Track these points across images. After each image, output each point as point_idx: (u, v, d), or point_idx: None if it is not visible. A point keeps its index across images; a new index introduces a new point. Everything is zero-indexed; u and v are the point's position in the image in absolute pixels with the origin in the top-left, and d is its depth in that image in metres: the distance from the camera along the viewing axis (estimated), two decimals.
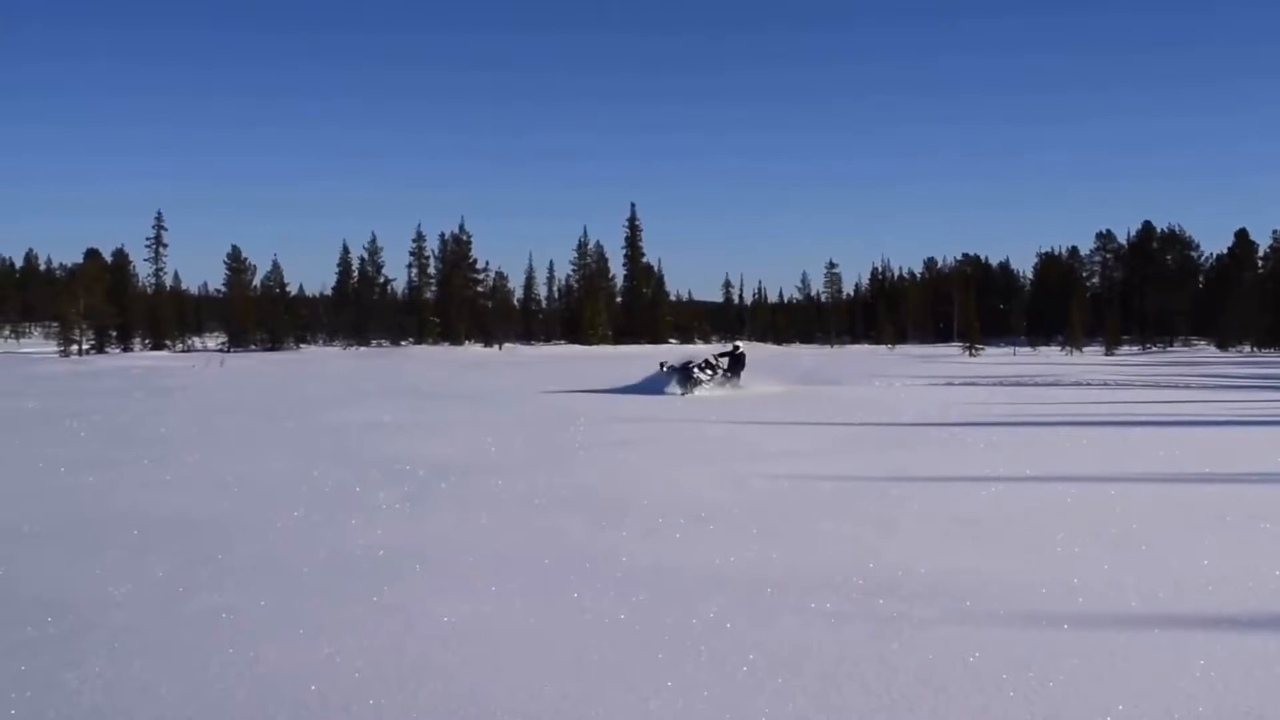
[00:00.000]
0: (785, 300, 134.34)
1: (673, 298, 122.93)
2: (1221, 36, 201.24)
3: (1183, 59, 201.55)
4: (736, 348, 27.35)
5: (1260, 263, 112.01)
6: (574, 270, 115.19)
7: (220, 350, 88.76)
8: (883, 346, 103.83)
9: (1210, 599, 6.91)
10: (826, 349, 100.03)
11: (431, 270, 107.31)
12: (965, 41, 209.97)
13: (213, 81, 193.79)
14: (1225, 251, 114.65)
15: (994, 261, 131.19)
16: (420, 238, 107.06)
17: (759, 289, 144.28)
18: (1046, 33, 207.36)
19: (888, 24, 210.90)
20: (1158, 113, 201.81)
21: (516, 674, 5.43)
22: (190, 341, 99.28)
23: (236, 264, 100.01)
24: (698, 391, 26.74)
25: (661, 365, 28.57)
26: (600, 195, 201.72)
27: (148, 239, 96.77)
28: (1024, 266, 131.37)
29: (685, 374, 27.21)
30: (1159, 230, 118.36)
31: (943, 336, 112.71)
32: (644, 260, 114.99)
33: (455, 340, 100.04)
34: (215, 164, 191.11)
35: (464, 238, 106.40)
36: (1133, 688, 5.17)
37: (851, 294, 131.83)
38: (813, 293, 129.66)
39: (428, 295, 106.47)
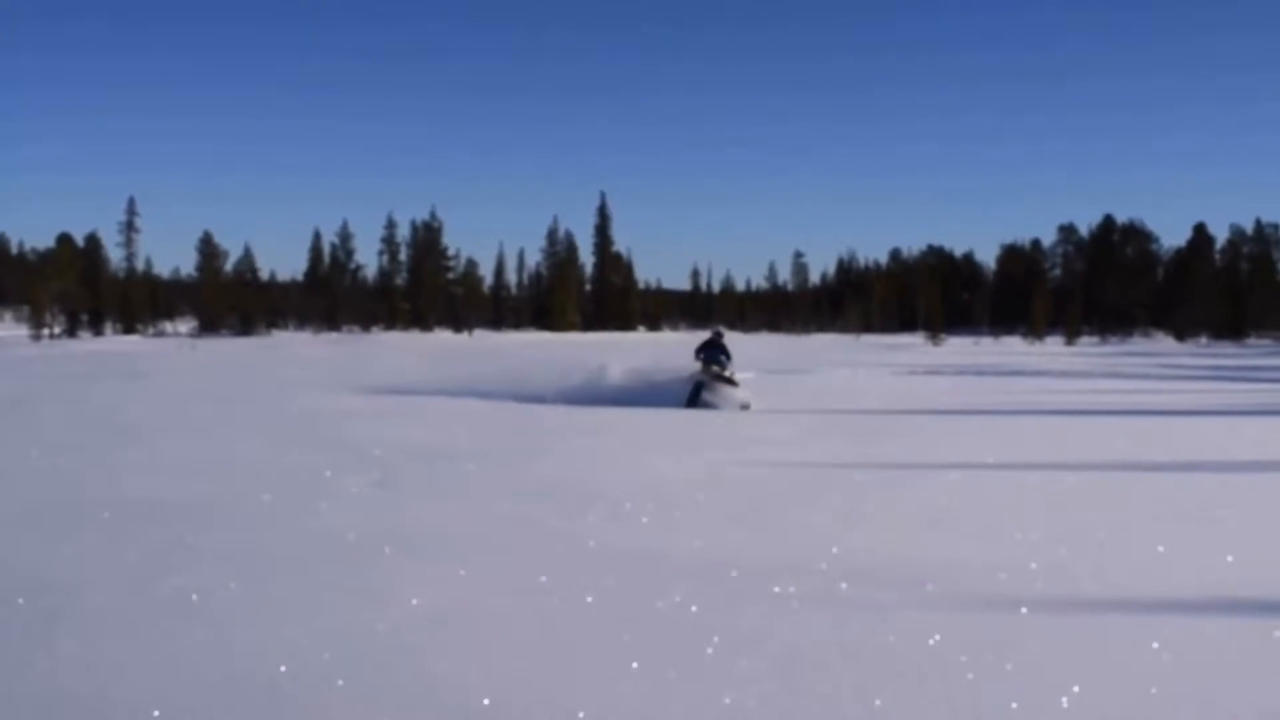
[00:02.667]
0: (753, 289, 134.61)
1: (642, 286, 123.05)
2: (1181, 31, 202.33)
3: (1143, 53, 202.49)
4: (719, 334, 23.68)
5: (1217, 256, 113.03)
6: (544, 258, 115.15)
7: (191, 335, 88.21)
8: (848, 336, 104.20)
9: (1165, 584, 7.04)
10: (793, 338, 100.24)
11: (402, 257, 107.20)
12: (930, 35, 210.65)
13: (187, 71, 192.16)
14: (1184, 245, 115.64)
15: (958, 253, 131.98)
16: (392, 225, 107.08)
17: (727, 278, 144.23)
18: (1010, 27, 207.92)
19: (856, 18, 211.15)
20: (1118, 106, 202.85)
21: (485, 656, 5.49)
22: (161, 326, 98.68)
23: (208, 249, 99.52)
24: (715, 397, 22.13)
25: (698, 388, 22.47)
26: (570, 185, 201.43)
27: (120, 224, 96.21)
28: (988, 258, 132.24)
29: (700, 387, 22.17)
30: (1120, 223, 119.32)
31: (907, 326, 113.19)
32: (614, 249, 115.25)
33: (425, 327, 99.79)
34: (188, 150, 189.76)
35: (435, 225, 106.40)
36: (1089, 670, 5.28)
37: (818, 284, 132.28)
38: (780, 282, 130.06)
39: (398, 282, 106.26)
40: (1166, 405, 24.12)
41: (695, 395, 21.69)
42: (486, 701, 4.85)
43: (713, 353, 22.53)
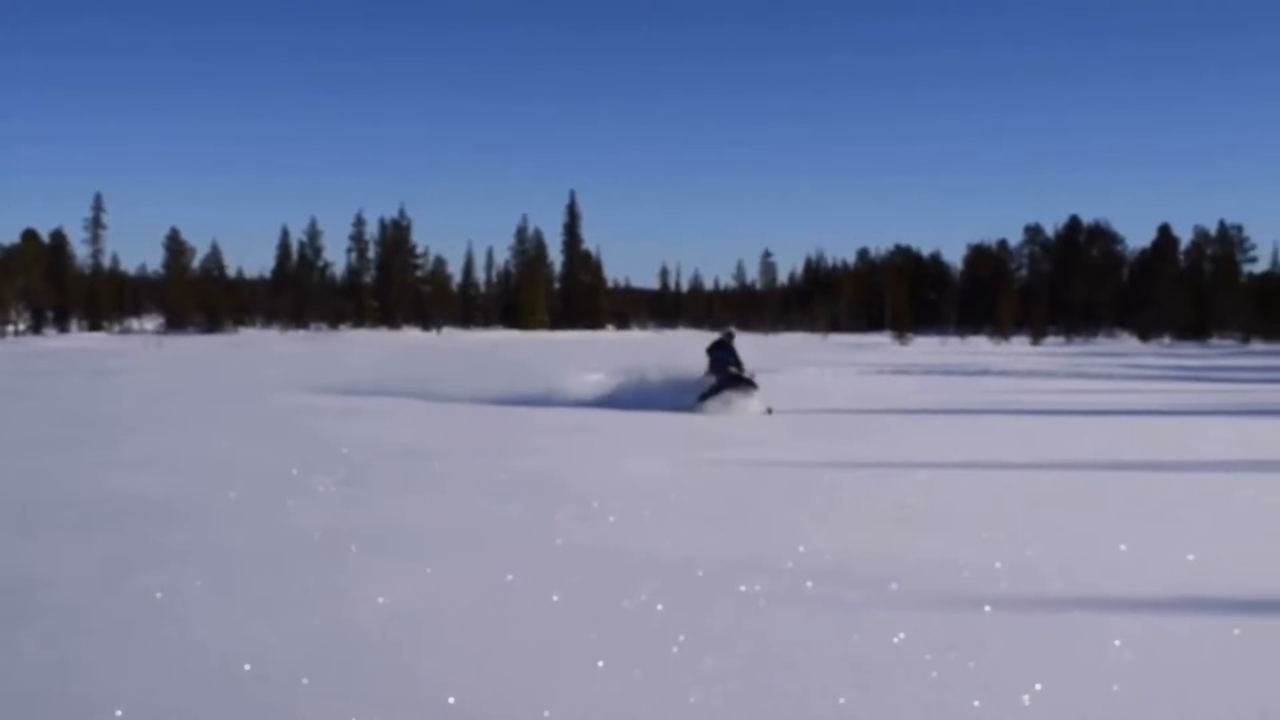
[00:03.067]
0: (721, 288, 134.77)
1: (611, 285, 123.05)
2: (1144, 32, 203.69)
3: (1108, 54, 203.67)
4: (730, 334, 21.68)
5: (1181, 257, 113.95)
6: (513, 256, 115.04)
7: (158, 333, 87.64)
8: (816, 335, 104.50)
9: (1129, 582, 7.10)
10: (761, 337, 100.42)
11: (371, 255, 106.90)
12: (896, 36, 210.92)
13: (156, 69, 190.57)
14: (1148, 246, 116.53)
15: (926, 253, 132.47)
16: (360, 222, 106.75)
17: (696, 277, 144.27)
18: (977, 27, 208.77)
19: (824, 18, 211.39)
20: (1084, 107, 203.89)
21: (451, 655, 5.49)
22: (128, 324, 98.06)
23: (175, 246, 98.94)
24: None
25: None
26: (539, 184, 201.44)
27: (86, 220, 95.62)
28: (955, 258, 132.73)
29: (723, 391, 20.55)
30: (1085, 224, 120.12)
31: (875, 326, 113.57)
32: (583, 247, 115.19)
33: (394, 325, 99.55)
34: (156, 148, 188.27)
35: (404, 223, 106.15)
36: (1052, 668, 5.32)
37: (786, 283, 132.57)
38: (748, 281, 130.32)
39: (367, 280, 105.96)
40: (1131, 405, 24.30)
41: (714, 393, 20.27)
42: (452, 700, 4.86)
43: (723, 354, 20.91)
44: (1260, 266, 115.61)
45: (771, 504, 10.05)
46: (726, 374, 20.58)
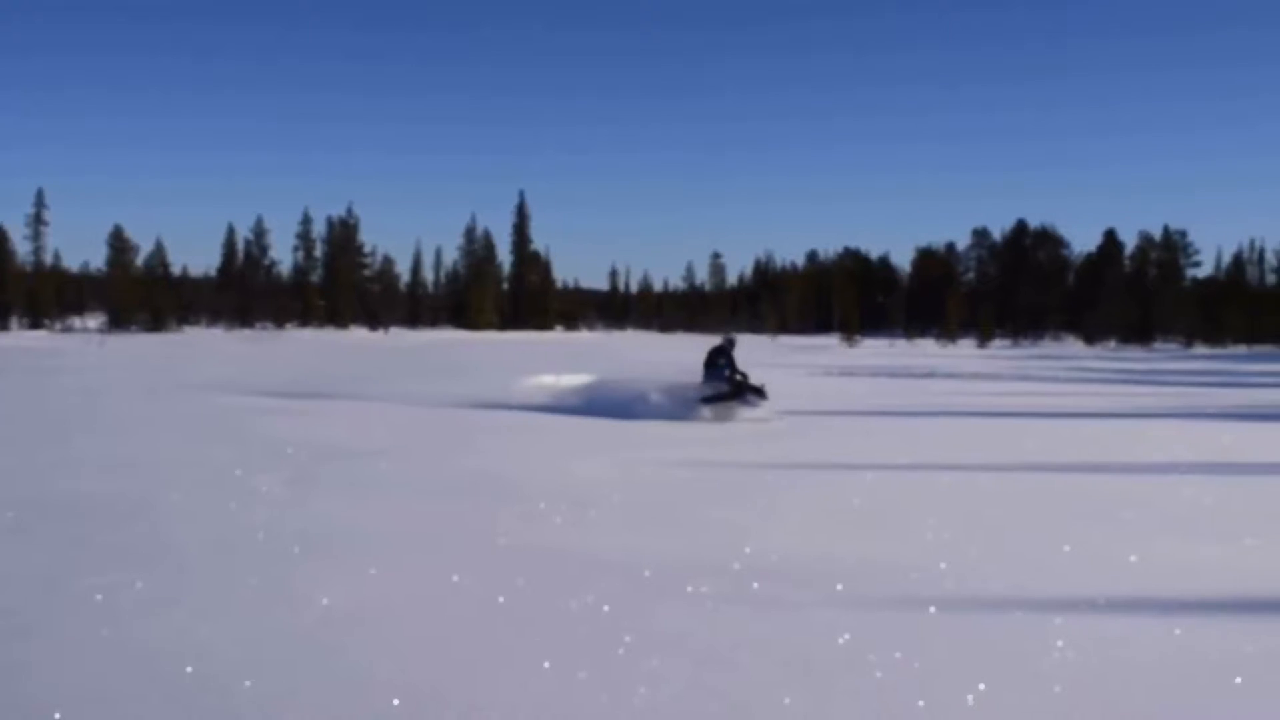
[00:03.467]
0: (670, 289, 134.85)
1: (560, 285, 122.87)
2: (1090, 37, 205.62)
3: (1055, 57, 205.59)
4: (731, 341, 20.78)
5: (1126, 262, 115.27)
6: (462, 256, 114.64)
7: (101, 331, 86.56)
8: (765, 336, 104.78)
9: (1071, 584, 7.16)
10: (710, 338, 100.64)
11: (318, 253, 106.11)
12: (842, 37, 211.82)
13: (100, 67, 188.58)
14: (1094, 250, 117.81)
15: (874, 256, 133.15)
16: (307, 220, 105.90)
17: (645, 278, 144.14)
18: (924, 30, 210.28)
19: (767, 19, 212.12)
20: (1031, 110, 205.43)
21: (395, 656, 5.46)
22: (70, 322, 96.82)
23: (119, 244, 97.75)
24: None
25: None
26: (489, 184, 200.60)
27: (28, 216, 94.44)
28: (903, 261, 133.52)
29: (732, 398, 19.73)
30: (1032, 228, 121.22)
31: (823, 328, 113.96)
32: (531, 248, 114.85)
33: (341, 324, 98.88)
34: (100, 144, 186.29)
35: (351, 221, 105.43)
36: (995, 668, 5.35)
37: (735, 284, 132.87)
38: (697, 282, 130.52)
39: (314, 279, 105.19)
40: (1075, 408, 24.54)
41: (722, 399, 19.44)
42: (396, 702, 4.83)
43: (723, 363, 20.05)
44: (1203, 271, 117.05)
45: (718, 505, 10.06)
46: (736, 382, 19.75)
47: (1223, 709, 4.87)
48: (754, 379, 19.56)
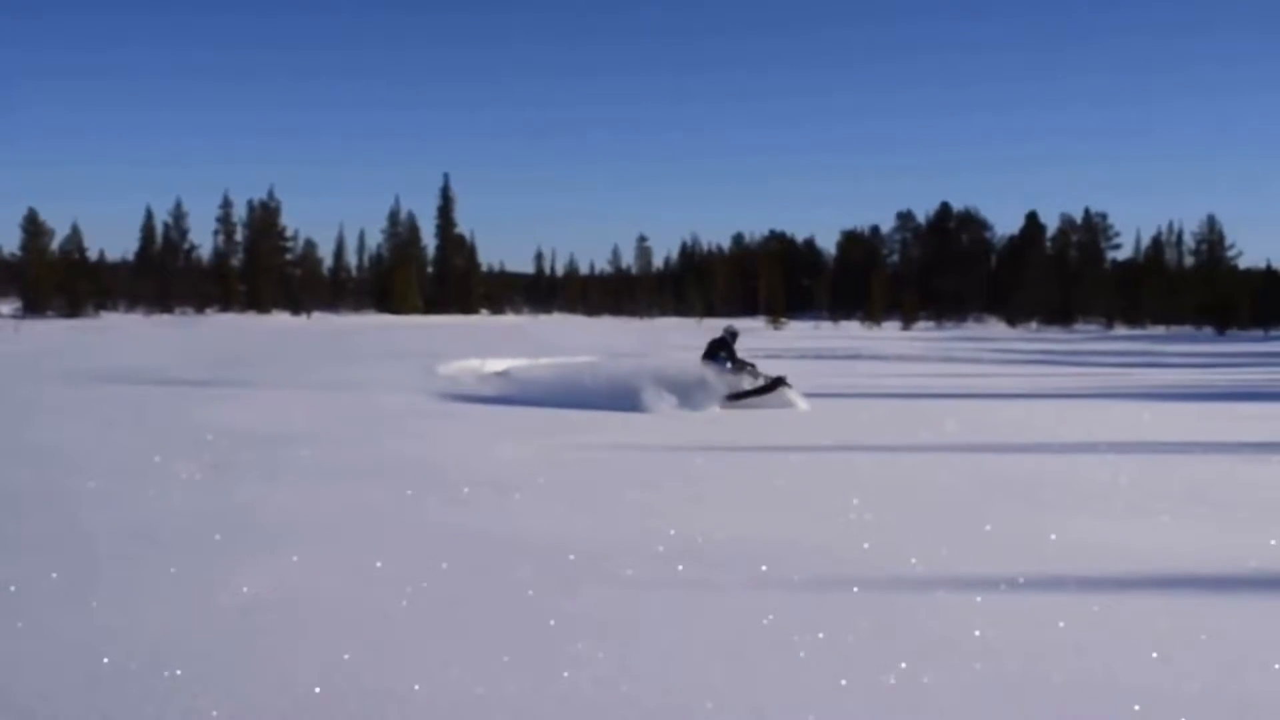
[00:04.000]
0: (597, 272, 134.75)
1: (485, 269, 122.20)
2: (1009, 19, 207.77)
3: (977, 39, 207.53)
4: (733, 333, 20.15)
5: (1048, 244, 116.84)
6: (385, 240, 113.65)
7: (14, 317, 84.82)
8: (691, 319, 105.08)
9: (991, 562, 7.22)
10: (636, 321, 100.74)
11: (239, 238, 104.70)
12: (766, 19, 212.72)
13: (13, 50, 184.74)
14: (1017, 233, 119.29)
15: (800, 239, 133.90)
16: (227, 204, 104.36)
17: (571, 261, 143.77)
18: (846, 10, 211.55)
19: (694, 2, 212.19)
20: (955, 90, 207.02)
21: (317, 643, 5.39)
22: None
23: (34, 228, 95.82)
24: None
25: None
26: (413, 167, 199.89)
27: None
28: (828, 244, 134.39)
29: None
30: (956, 211, 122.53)
31: (749, 310, 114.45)
32: (456, 231, 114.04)
33: (262, 309, 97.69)
34: (15, 124, 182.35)
35: (273, 205, 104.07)
36: (917, 648, 5.38)
37: (662, 267, 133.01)
38: (624, 265, 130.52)
39: (234, 263, 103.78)
40: (997, 389, 24.83)
41: (753, 393, 18.63)
42: (318, 690, 4.77)
43: (722, 357, 19.42)
44: (1124, 253, 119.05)
45: (643, 488, 10.06)
46: (772, 377, 19.10)
47: (1139, 683, 4.93)
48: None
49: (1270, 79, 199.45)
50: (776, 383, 19.04)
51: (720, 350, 19.65)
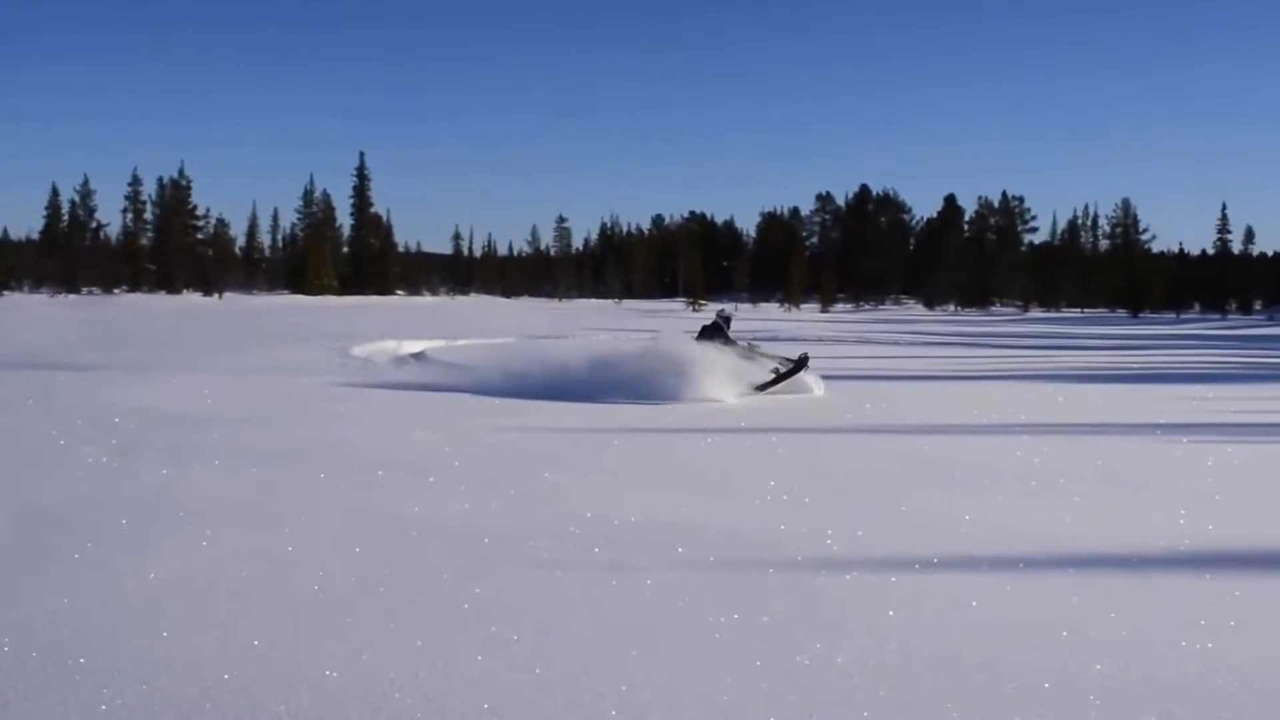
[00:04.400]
0: (515, 254, 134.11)
1: (401, 249, 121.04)
2: (933, 6, 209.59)
3: (894, 28, 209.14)
4: (727, 318, 19.45)
5: (966, 227, 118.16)
6: (300, 219, 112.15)
7: None
8: (610, 301, 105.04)
9: (906, 543, 7.27)
10: (555, 303, 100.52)
11: (148, 216, 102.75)
12: (684, 1, 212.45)
13: None
14: (935, 215, 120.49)
15: (720, 220, 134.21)
16: (136, 181, 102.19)
17: (489, 242, 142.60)
18: None
19: None
20: (874, 66, 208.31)
21: (226, 629, 5.29)
22: None
23: None
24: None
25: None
26: (328, 146, 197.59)
27: None
28: (748, 225, 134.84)
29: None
30: (875, 193, 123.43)
31: (669, 292, 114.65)
32: (372, 210, 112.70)
33: (173, 289, 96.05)
34: None
35: (184, 183, 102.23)
36: (831, 628, 5.40)
37: (581, 248, 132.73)
38: (543, 246, 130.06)
39: (144, 242, 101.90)
40: (914, 370, 25.07)
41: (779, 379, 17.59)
42: (227, 676, 4.68)
43: (717, 342, 18.21)
44: (1040, 236, 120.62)
45: (559, 470, 10.01)
46: (795, 361, 18.05)
47: (1050, 662, 4.98)
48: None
49: (1185, 60, 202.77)
50: (801, 363, 18.04)
51: (715, 337, 18.38)
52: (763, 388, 17.25)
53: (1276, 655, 5.17)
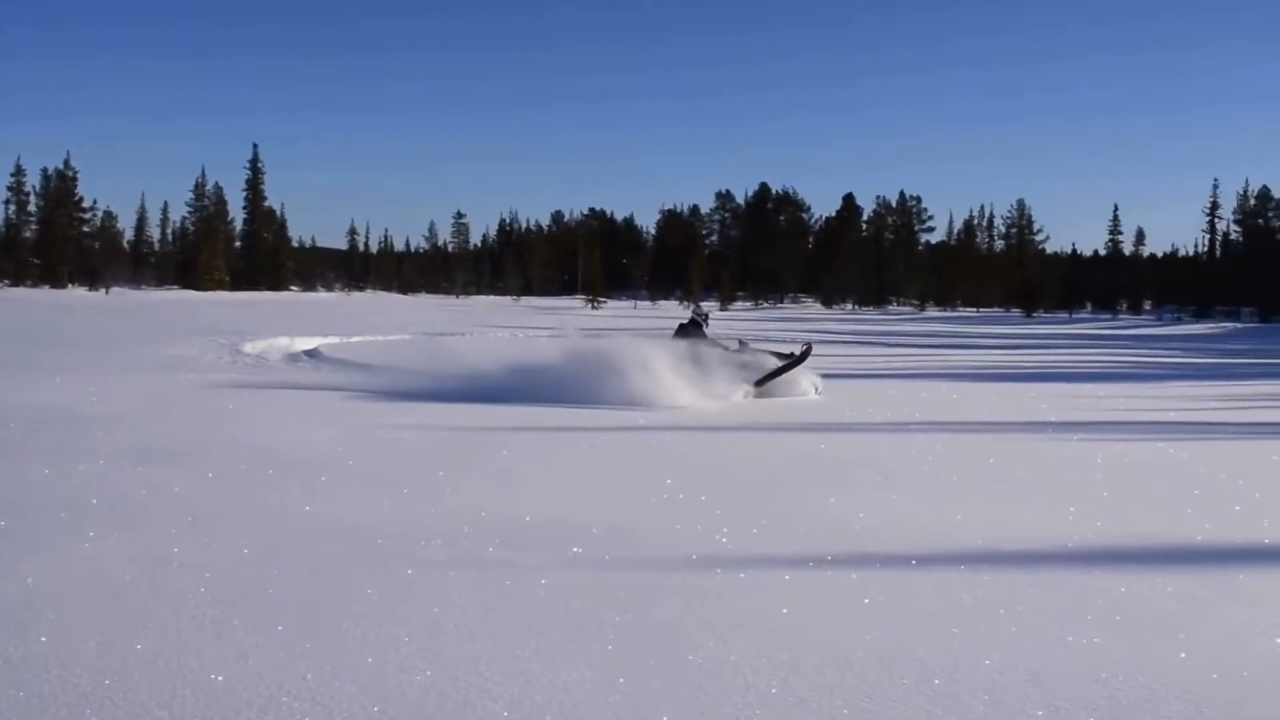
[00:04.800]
0: (412, 250, 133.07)
1: (296, 244, 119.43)
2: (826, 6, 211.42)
3: (793, 28, 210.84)
4: (703, 316, 18.53)
5: (864, 226, 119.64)
6: (190, 212, 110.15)
7: None
8: (508, 298, 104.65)
9: (800, 541, 7.31)
10: (452, 299, 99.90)
11: (32, 208, 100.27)
12: None
13: None
14: (834, 214, 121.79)
15: (619, 217, 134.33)
16: (20, 172, 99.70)
17: (385, 237, 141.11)
18: None
19: None
20: (776, 61, 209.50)
21: (105, 632, 5.16)
22: None
23: None
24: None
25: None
26: (220, 139, 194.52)
27: None
28: (648, 223, 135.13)
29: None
30: (774, 192, 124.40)
31: (568, 289, 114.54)
32: (266, 204, 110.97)
33: (58, 283, 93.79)
34: None
35: (69, 174, 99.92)
36: (726, 626, 5.41)
37: (479, 245, 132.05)
38: (440, 242, 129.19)
39: (27, 235, 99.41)
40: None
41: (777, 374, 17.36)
42: (108, 682, 4.56)
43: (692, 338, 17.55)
44: (936, 236, 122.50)
45: (454, 469, 9.94)
46: (790, 355, 17.90)
47: (940, 658, 5.03)
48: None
49: (1091, 65, 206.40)
50: (804, 355, 17.88)
51: (695, 334, 17.80)
52: (762, 383, 17.06)
53: (1160, 649, 5.27)
